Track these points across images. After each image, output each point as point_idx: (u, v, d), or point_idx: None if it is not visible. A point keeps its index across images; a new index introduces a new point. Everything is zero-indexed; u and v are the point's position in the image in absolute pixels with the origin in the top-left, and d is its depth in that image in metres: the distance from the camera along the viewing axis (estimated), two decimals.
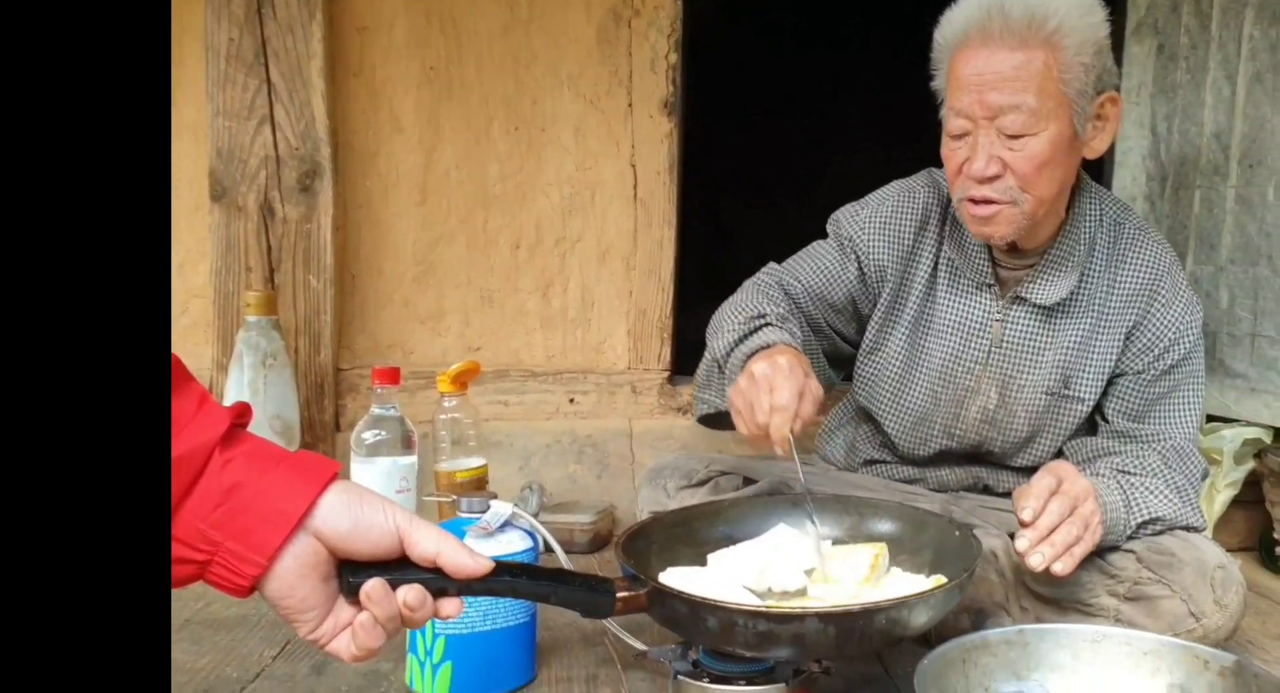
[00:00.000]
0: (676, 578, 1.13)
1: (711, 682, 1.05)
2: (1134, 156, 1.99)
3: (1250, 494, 1.83)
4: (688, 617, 1.01)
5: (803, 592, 1.12)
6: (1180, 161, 1.92)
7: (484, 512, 1.22)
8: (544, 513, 1.94)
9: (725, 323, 1.41)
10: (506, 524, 1.23)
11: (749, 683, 1.04)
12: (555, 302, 2.12)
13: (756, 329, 1.36)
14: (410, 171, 2.06)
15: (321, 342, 2.02)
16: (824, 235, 1.57)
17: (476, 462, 1.79)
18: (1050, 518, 1.17)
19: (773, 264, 1.59)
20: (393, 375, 1.67)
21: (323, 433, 2.05)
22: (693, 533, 1.30)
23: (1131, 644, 1.10)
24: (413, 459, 1.68)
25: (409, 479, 1.67)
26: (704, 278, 2.18)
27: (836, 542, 1.27)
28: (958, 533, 1.19)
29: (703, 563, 1.22)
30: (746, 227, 3.42)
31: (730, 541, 1.25)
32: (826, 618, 0.96)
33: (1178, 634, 1.22)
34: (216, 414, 0.79)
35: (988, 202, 1.31)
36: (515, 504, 1.93)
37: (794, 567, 1.13)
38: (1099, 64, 1.31)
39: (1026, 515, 1.17)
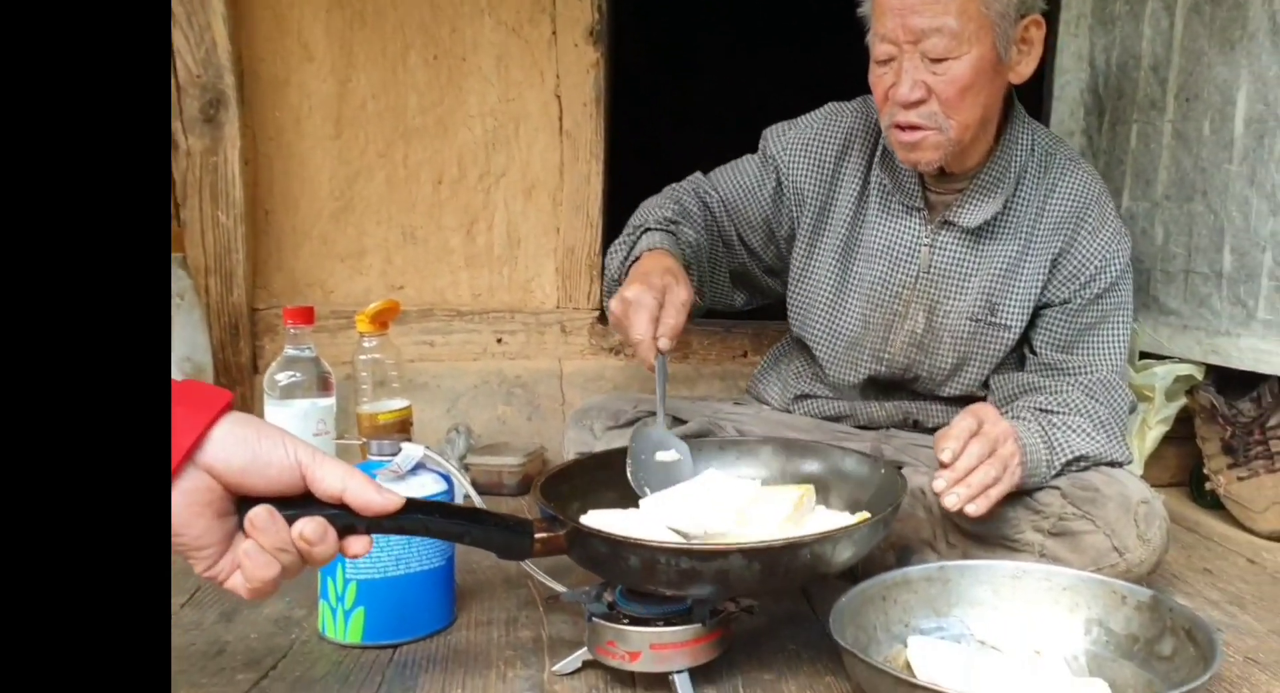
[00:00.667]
0: (599, 520, 1.12)
1: (628, 624, 1.05)
2: (1072, 90, 2.00)
3: (1182, 430, 1.86)
4: (609, 557, 1.00)
5: (727, 534, 1.12)
6: (1118, 95, 1.92)
7: (395, 454, 1.20)
8: (472, 455, 1.92)
9: (629, 226, 1.46)
10: (419, 467, 1.21)
11: (666, 624, 1.04)
12: (480, 239, 2.09)
13: (638, 240, 1.39)
14: (323, 102, 2.00)
15: (234, 281, 1.97)
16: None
17: (399, 404, 1.77)
18: (968, 460, 1.18)
19: (698, 173, 1.61)
20: (306, 315, 1.63)
21: (239, 376, 2.00)
22: (617, 476, 1.30)
23: (1051, 580, 1.12)
24: (330, 401, 1.65)
25: (327, 422, 1.64)
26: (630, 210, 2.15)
27: (766, 482, 1.28)
28: (884, 471, 1.20)
29: (626, 506, 1.21)
30: (680, 160, 3.37)
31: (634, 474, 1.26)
32: (750, 554, 0.96)
33: (1101, 569, 1.24)
34: None
35: (913, 127, 1.33)
36: (444, 445, 1.94)
37: (721, 509, 1.13)
38: None
39: (945, 457, 1.19)
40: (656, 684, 1.06)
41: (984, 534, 1.34)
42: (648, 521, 1.15)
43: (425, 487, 1.20)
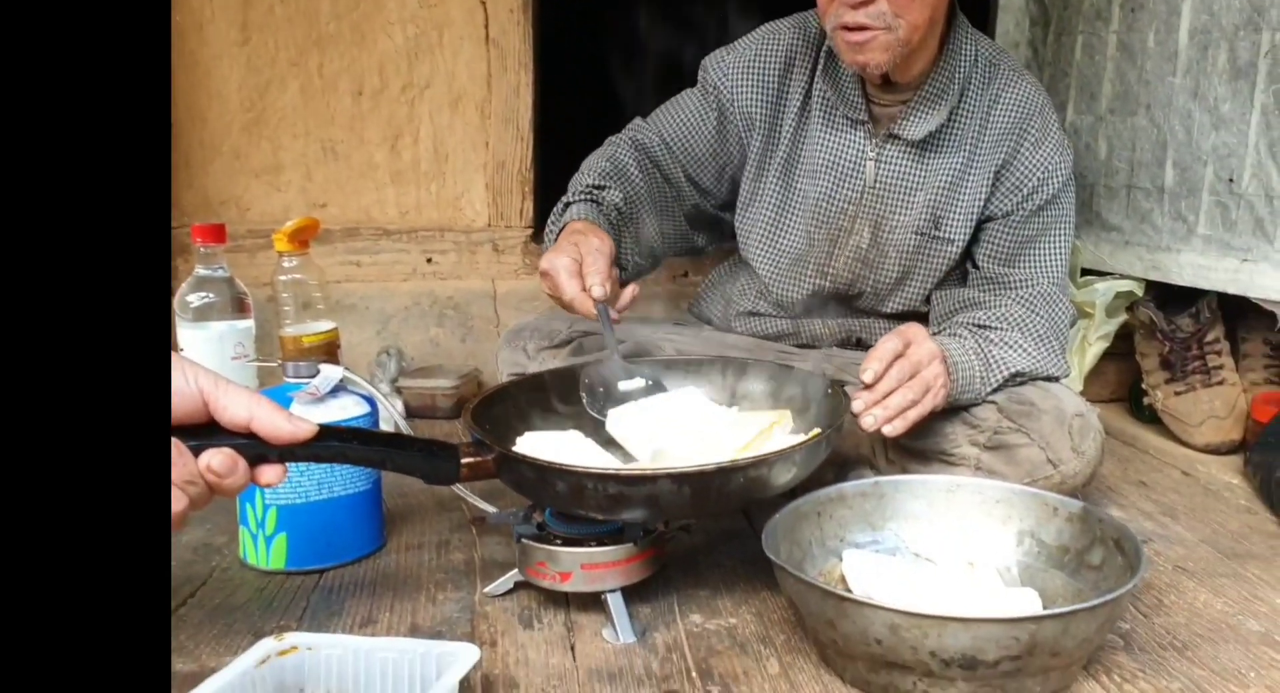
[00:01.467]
0: (535, 442, 1.12)
1: (558, 544, 1.05)
2: (1017, 0, 1.99)
3: (1121, 346, 1.90)
4: (537, 482, 1.00)
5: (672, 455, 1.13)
6: (1064, 5, 1.92)
7: (312, 376, 1.18)
8: (404, 378, 1.91)
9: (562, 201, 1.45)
10: (339, 389, 1.20)
11: (597, 544, 1.05)
12: (405, 154, 2.04)
13: (563, 216, 1.39)
14: (227, 5, 1.93)
15: None
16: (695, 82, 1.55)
17: (325, 326, 1.74)
18: (888, 383, 1.20)
19: (638, 119, 1.58)
20: (216, 233, 1.59)
21: None
22: (558, 397, 1.29)
23: (984, 493, 1.14)
24: (248, 323, 1.63)
25: (245, 345, 1.62)
26: (569, 128, 2.11)
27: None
28: (829, 390, 1.21)
29: (563, 428, 1.21)
30: (614, 71, 3.32)
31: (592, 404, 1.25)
32: (679, 479, 0.96)
33: (1035, 481, 1.28)
34: None
35: (861, 28, 1.31)
36: (375, 368, 1.92)
37: (680, 429, 1.14)
38: None
39: (867, 377, 1.20)
40: (590, 604, 1.08)
41: (921, 450, 1.36)
42: (584, 443, 1.15)
43: (346, 409, 1.19)
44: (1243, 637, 1.03)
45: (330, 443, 0.91)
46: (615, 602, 1.04)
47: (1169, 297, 1.80)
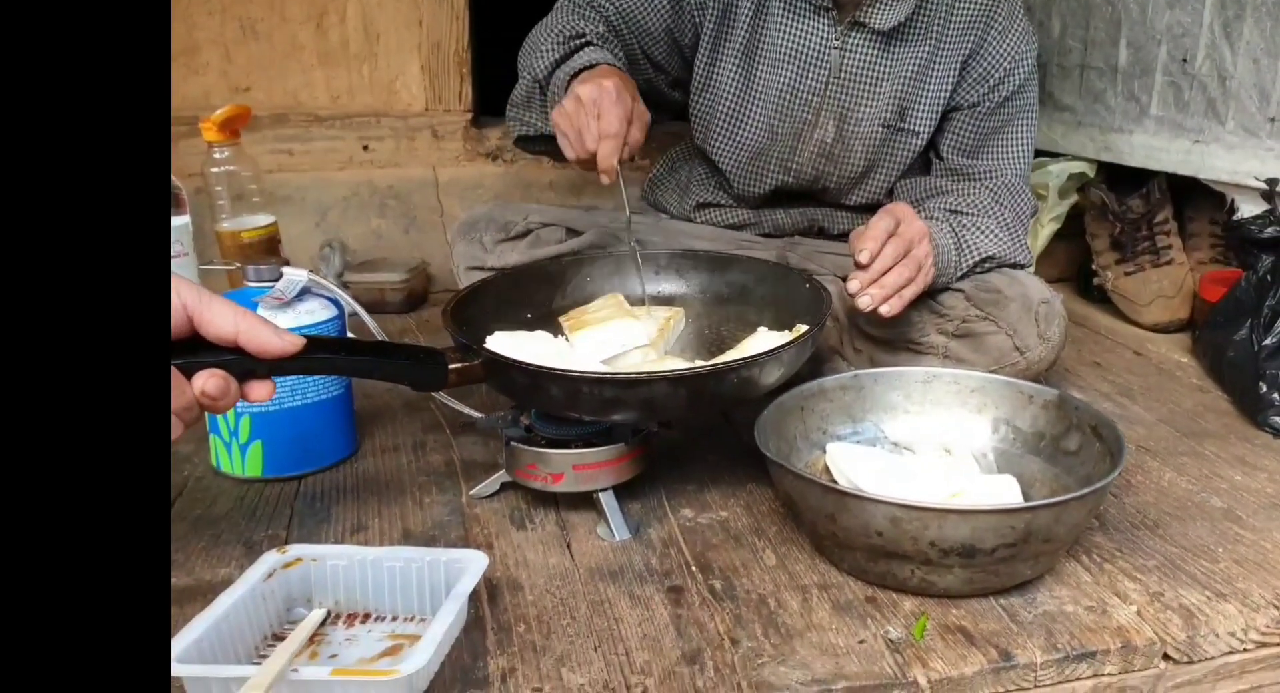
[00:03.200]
0: (502, 342, 1.13)
1: (548, 446, 1.08)
2: None
3: (1070, 227, 1.96)
4: (529, 387, 1.01)
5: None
6: None
7: (276, 280, 1.17)
8: (349, 272, 1.89)
9: (542, 43, 1.38)
10: (305, 292, 1.19)
11: (586, 446, 1.07)
12: (333, 34, 1.97)
13: (578, 48, 1.34)
14: None
15: None
16: None
17: (264, 219, 1.71)
18: (884, 261, 1.22)
19: None
20: None
21: None
22: (527, 296, 1.30)
23: (959, 383, 1.19)
24: (184, 220, 1.59)
25: (184, 243, 1.58)
26: (505, 6, 2.06)
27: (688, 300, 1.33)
28: (807, 285, 1.23)
29: (534, 329, 1.22)
30: None
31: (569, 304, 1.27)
32: (676, 381, 0.99)
33: (1003, 368, 1.33)
34: None
35: None
36: (318, 263, 1.89)
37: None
38: None
39: (863, 258, 1.22)
40: (579, 503, 1.11)
41: (890, 338, 1.41)
42: (553, 343, 1.16)
43: (314, 313, 1.17)
44: (1208, 514, 1.11)
45: (319, 355, 0.91)
46: (608, 500, 1.07)
47: (1119, 177, 1.86)
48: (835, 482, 1.09)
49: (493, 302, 1.25)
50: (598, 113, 1.16)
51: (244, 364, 0.83)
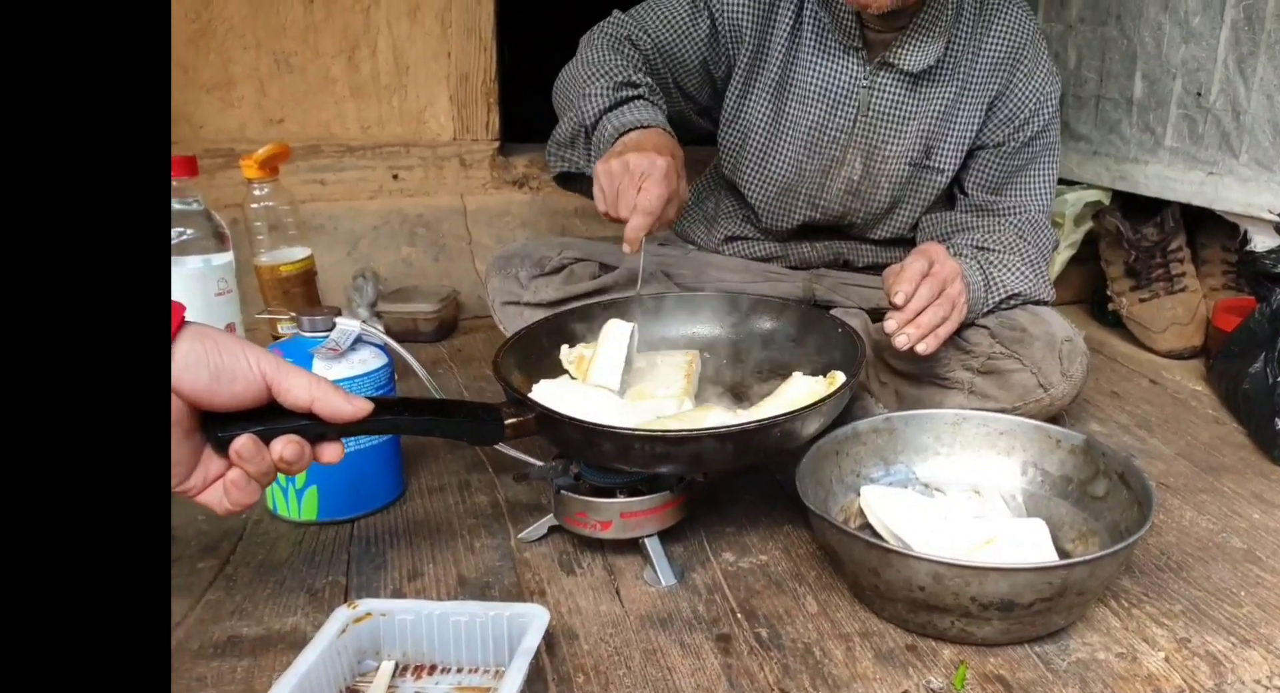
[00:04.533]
0: (548, 392, 1.16)
1: (594, 494, 1.11)
2: None
3: (1084, 251, 2.00)
4: (582, 443, 1.05)
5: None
6: None
7: (329, 331, 1.20)
8: (383, 302, 1.93)
9: (589, 85, 1.38)
10: (357, 341, 1.22)
11: (633, 494, 1.11)
12: (364, 66, 2.01)
13: (628, 99, 1.34)
14: None
15: None
16: None
17: (300, 252, 1.75)
18: (920, 301, 1.25)
19: (618, 13, 1.55)
20: (189, 165, 1.56)
21: None
22: (569, 341, 1.32)
23: (988, 426, 1.23)
24: (228, 258, 1.62)
25: (228, 280, 1.61)
26: (531, 38, 2.09)
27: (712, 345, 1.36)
28: (840, 331, 1.27)
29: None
30: None
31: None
32: (723, 437, 1.02)
33: (1027, 404, 1.37)
34: None
35: None
36: (351, 292, 1.93)
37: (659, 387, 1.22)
38: None
39: (899, 299, 1.25)
40: (625, 546, 1.15)
41: (916, 372, 1.44)
42: (596, 393, 1.19)
43: (366, 363, 1.21)
44: (1229, 555, 1.14)
45: (384, 417, 0.94)
46: (654, 546, 1.11)
47: (1133, 205, 1.89)
48: (870, 525, 1.13)
49: (537, 348, 1.28)
50: (640, 186, 1.17)
51: (317, 429, 0.87)
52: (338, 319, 1.22)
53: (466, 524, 1.22)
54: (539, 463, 1.23)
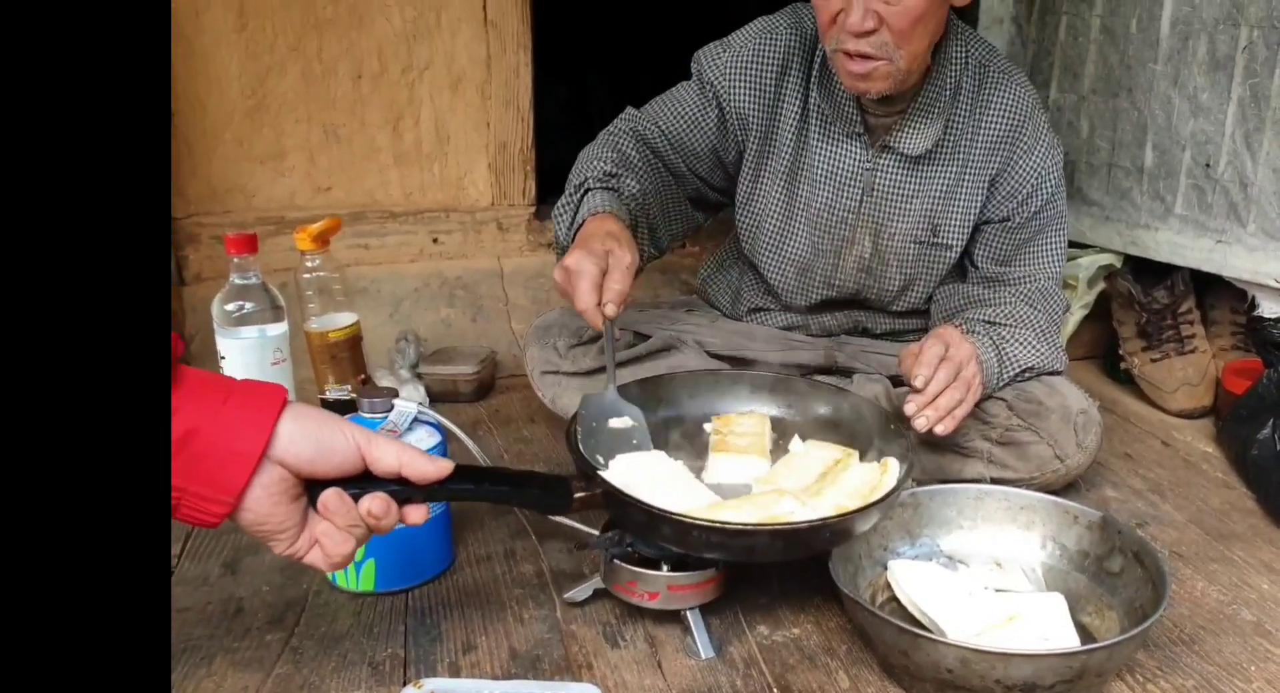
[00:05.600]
0: (629, 465, 1.20)
1: (644, 565, 1.16)
2: None
3: (1097, 309, 2.04)
4: (645, 525, 1.10)
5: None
6: None
7: (388, 411, 1.26)
8: (424, 364, 1.98)
9: (571, 182, 1.46)
10: (414, 421, 1.28)
11: (680, 566, 1.15)
12: (408, 136, 2.07)
13: (580, 202, 1.41)
14: None
15: None
16: (686, 71, 1.59)
17: (348, 318, 1.80)
18: (937, 384, 1.30)
19: (631, 110, 1.61)
20: (249, 243, 1.63)
21: None
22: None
23: (1009, 501, 1.27)
24: (283, 329, 1.67)
25: (282, 350, 1.67)
26: (564, 106, 2.16)
27: (775, 422, 1.39)
28: (891, 425, 1.29)
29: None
30: (603, 53, 3.38)
31: (679, 420, 1.36)
32: (777, 534, 1.07)
33: (1044, 474, 1.42)
34: None
35: (864, 57, 1.36)
36: (394, 354, 1.98)
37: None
38: None
39: (919, 383, 1.30)
40: (665, 617, 1.19)
41: (936, 441, 1.48)
42: (671, 467, 1.23)
43: (423, 442, 1.26)
44: (1239, 627, 1.18)
45: (464, 484, 1.00)
46: (695, 619, 1.16)
47: (1144, 268, 1.93)
48: (898, 599, 1.18)
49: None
50: (575, 285, 1.23)
51: (403, 492, 0.94)
52: (396, 401, 1.28)
53: (514, 594, 1.27)
54: (594, 531, 1.28)
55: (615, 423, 1.29)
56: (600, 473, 1.15)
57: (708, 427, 1.37)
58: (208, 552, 1.36)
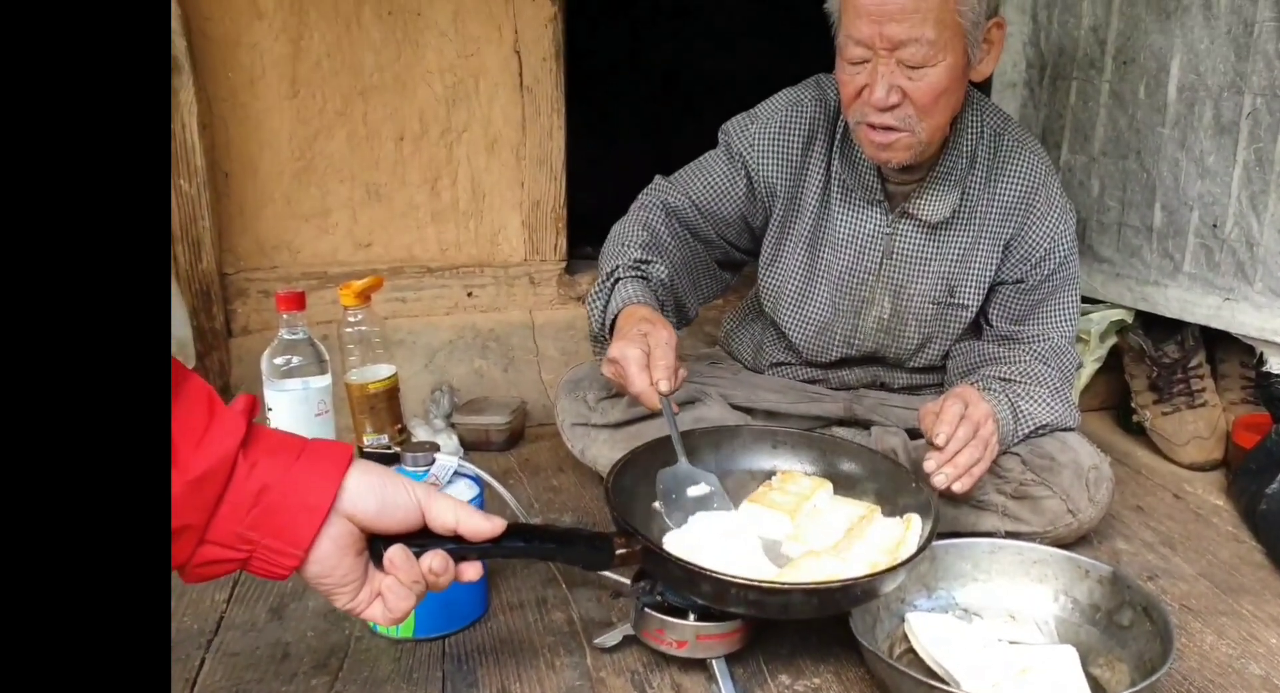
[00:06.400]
0: (701, 526, 1.24)
1: (673, 613, 1.20)
2: (1015, 42, 2.10)
3: (1112, 360, 2.07)
4: (683, 581, 1.13)
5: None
6: (1059, 51, 2.04)
7: (430, 465, 1.30)
8: (457, 414, 2.03)
9: (602, 267, 1.53)
10: (454, 474, 1.32)
11: (708, 615, 1.19)
12: (445, 194, 2.14)
13: (612, 292, 1.46)
14: (277, 62, 1.99)
15: (202, 248, 1.99)
16: (710, 132, 1.65)
17: (386, 370, 1.85)
18: (956, 443, 1.33)
19: (660, 178, 1.67)
20: (298, 301, 1.69)
21: (214, 341, 2.05)
22: (674, 457, 1.36)
23: (1023, 555, 1.30)
24: (327, 381, 1.73)
25: (326, 402, 1.72)
26: (596, 165, 2.22)
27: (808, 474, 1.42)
28: (914, 485, 1.32)
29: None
30: (630, 115, 3.48)
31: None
32: (810, 592, 1.11)
33: (1056, 528, 1.45)
34: (231, 421, 0.86)
35: (887, 128, 1.40)
36: (429, 404, 2.03)
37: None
38: None
39: (940, 441, 1.32)
40: (691, 665, 1.22)
41: (953, 497, 1.51)
42: (742, 531, 1.27)
43: (461, 494, 1.31)
44: (1247, 681, 1.20)
45: (515, 542, 1.04)
46: (720, 668, 1.19)
47: (1155, 322, 1.96)
48: (914, 650, 1.21)
49: (645, 467, 1.33)
50: (624, 375, 1.30)
51: (459, 550, 0.99)
52: (437, 455, 1.32)
53: (546, 642, 1.31)
54: (625, 581, 1.32)
55: (694, 491, 1.32)
56: (666, 540, 1.20)
57: (774, 480, 1.40)
58: (254, 597, 1.41)
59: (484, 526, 0.99)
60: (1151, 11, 1.84)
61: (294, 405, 1.68)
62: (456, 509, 0.97)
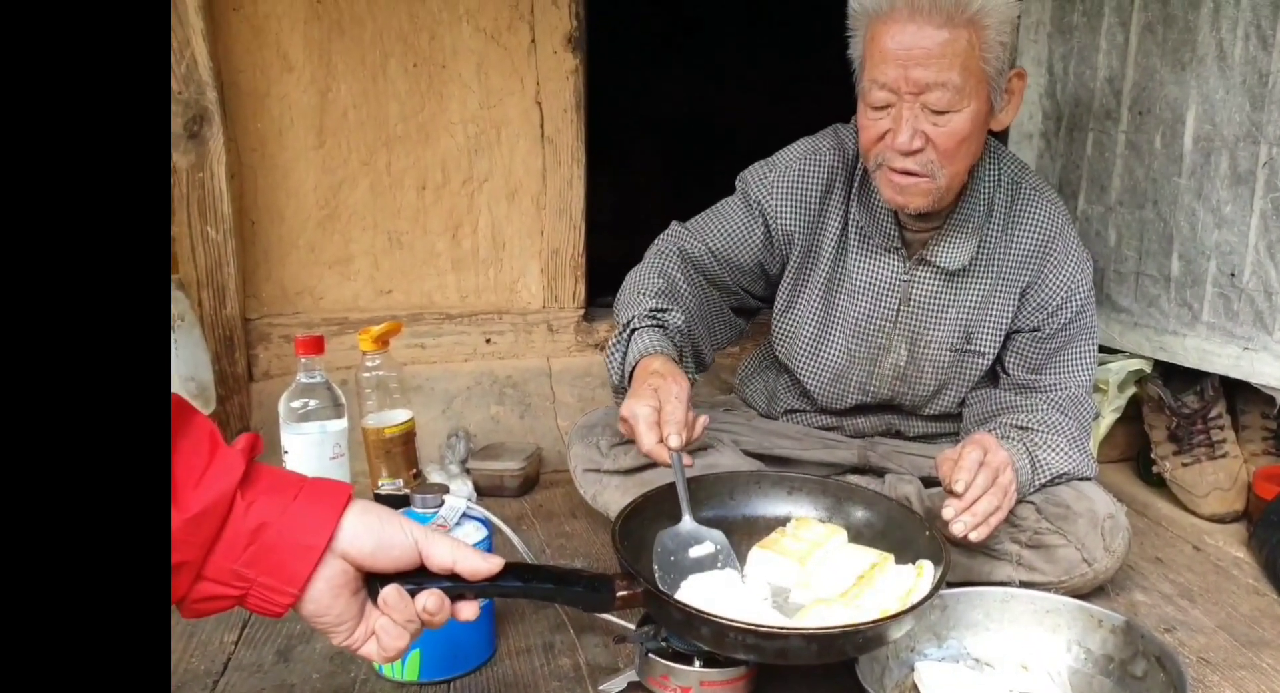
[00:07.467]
0: (701, 585, 1.21)
1: (677, 659, 1.18)
2: (1031, 94, 2.11)
3: (1130, 411, 2.04)
4: (682, 624, 1.11)
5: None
6: (1075, 102, 2.04)
7: (438, 507, 1.30)
8: (473, 459, 2.03)
9: (619, 317, 1.52)
10: (462, 515, 1.32)
11: (712, 661, 1.17)
12: (465, 242, 2.16)
13: (629, 343, 1.45)
14: (305, 113, 2.03)
15: (226, 294, 2.02)
16: (727, 181, 1.65)
17: (403, 415, 1.86)
18: (975, 490, 1.31)
19: (676, 225, 1.67)
20: (316, 345, 1.70)
21: (236, 385, 2.07)
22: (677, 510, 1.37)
23: (1035, 603, 1.28)
24: (343, 425, 1.73)
25: (342, 445, 1.73)
26: (615, 213, 2.24)
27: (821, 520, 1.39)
28: (927, 533, 1.29)
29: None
30: (649, 164, 3.52)
31: (720, 520, 1.34)
32: (811, 638, 1.08)
33: (1072, 577, 1.42)
34: (231, 459, 0.87)
35: (908, 173, 1.40)
36: (445, 450, 2.03)
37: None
38: (1012, 41, 1.40)
39: (959, 487, 1.30)
40: None
41: (968, 545, 1.49)
42: (746, 586, 1.24)
43: (470, 536, 1.30)
44: None
45: (513, 582, 1.03)
46: None
47: (1174, 372, 1.93)
48: None
49: (653, 512, 1.31)
50: (636, 432, 1.28)
51: (456, 588, 0.98)
52: (446, 497, 1.32)
53: (551, 687, 1.29)
54: (630, 625, 1.30)
55: (696, 552, 1.27)
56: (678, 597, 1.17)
57: (789, 526, 1.37)
58: (262, 640, 1.40)
59: (481, 564, 0.98)
60: (1166, 63, 1.84)
61: (310, 448, 1.68)
62: (454, 548, 0.97)
